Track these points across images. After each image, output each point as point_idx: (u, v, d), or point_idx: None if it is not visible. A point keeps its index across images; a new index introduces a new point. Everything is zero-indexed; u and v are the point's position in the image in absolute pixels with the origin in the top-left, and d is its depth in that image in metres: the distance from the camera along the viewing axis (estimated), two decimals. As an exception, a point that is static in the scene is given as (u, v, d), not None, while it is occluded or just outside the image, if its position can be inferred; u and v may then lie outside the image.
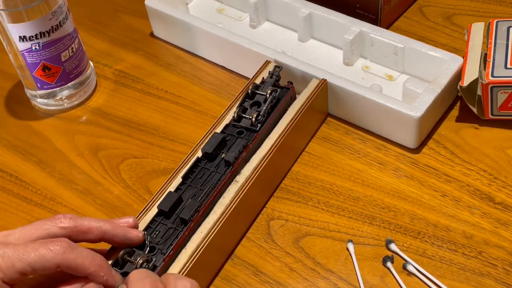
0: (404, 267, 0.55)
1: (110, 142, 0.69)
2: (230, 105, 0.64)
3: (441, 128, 0.65)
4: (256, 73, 0.67)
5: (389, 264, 0.55)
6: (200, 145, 0.60)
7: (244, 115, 0.62)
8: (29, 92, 0.73)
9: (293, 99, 0.65)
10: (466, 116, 0.66)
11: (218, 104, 0.71)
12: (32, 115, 0.73)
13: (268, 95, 0.62)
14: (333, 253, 0.57)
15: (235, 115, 0.62)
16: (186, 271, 0.52)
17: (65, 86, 0.71)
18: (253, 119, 0.61)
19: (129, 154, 0.68)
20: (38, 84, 0.70)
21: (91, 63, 0.75)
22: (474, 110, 0.64)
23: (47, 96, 0.72)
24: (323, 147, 0.66)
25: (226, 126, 0.62)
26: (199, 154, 0.60)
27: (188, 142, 0.68)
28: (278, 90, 0.64)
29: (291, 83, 0.65)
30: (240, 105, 0.63)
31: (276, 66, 0.66)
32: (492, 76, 0.61)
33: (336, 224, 0.59)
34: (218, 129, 0.62)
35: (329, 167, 0.64)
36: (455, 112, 0.67)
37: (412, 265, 0.55)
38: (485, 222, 0.58)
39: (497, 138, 0.64)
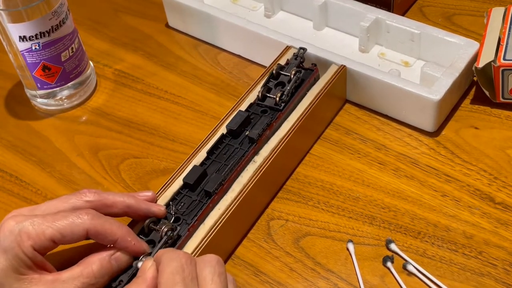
0: (404, 267, 0.55)
1: (110, 142, 0.69)
2: (254, 84, 0.65)
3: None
4: (277, 58, 0.68)
5: (389, 264, 0.55)
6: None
7: (268, 95, 0.63)
8: (29, 92, 0.73)
9: (316, 80, 0.66)
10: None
11: (218, 104, 0.71)
12: (32, 115, 0.73)
13: (292, 76, 0.63)
14: (333, 253, 0.57)
15: (260, 94, 0.63)
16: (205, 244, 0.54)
17: (65, 86, 0.71)
18: (277, 99, 0.62)
19: (129, 154, 0.68)
20: (38, 84, 0.70)
21: (91, 63, 0.75)
22: (487, 93, 0.65)
23: (47, 96, 0.72)
24: (324, 147, 0.66)
25: (251, 105, 0.63)
26: (224, 130, 0.61)
27: (188, 142, 0.68)
28: (302, 71, 0.65)
29: (315, 65, 0.66)
30: (265, 84, 0.64)
31: (300, 48, 0.67)
32: (504, 59, 0.62)
33: (336, 224, 0.59)
34: (242, 107, 0.63)
35: (329, 167, 0.64)
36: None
37: (412, 265, 0.55)
38: (485, 222, 0.58)
39: (497, 138, 0.64)
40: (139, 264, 0.49)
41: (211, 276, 0.44)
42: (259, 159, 0.59)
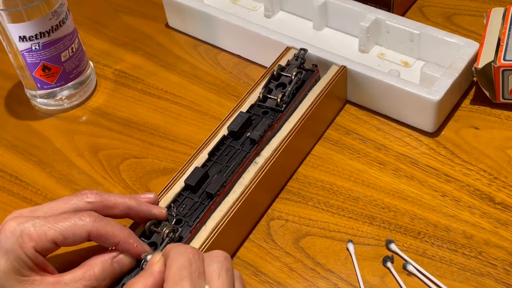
0: (404, 267, 0.55)
1: (110, 142, 0.69)
2: (254, 85, 0.65)
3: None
4: (277, 59, 0.68)
5: (389, 264, 0.55)
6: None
7: (269, 96, 0.63)
8: (29, 92, 0.73)
9: (317, 81, 0.66)
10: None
11: (218, 104, 0.71)
12: (32, 115, 0.73)
13: (293, 77, 0.63)
14: (333, 253, 0.57)
15: (261, 95, 0.63)
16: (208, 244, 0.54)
17: (65, 86, 0.71)
18: (278, 100, 0.62)
19: (129, 154, 0.68)
20: (38, 84, 0.70)
21: (91, 63, 0.75)
22: (487, 93, 0.65)
23: (47, 96, 0.72)
24: (324, 147, 0.66)
25: (252, 106, 0.63)
26: (225, 132, 0.61)
27: (188, 142, 0.68)
28: (303, 72, 0.65)
29: (316, 66, 0.66)
30: (266, 86, 0.64)
31: (301, 49, 0.67)
32: (504, 59, 0.62)
33: (336, 224, 0.59)
34: (243, 109, 0.63)
35: (329, 167, 0.64)
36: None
37: (412, 265, 0.55)
38: (485, 222, 0.58)
39: (497, 138, 0.64)
40: (144, 267, 0.49)
41: (218, 272, 0.44)
42: (260, 160, 0.59)
